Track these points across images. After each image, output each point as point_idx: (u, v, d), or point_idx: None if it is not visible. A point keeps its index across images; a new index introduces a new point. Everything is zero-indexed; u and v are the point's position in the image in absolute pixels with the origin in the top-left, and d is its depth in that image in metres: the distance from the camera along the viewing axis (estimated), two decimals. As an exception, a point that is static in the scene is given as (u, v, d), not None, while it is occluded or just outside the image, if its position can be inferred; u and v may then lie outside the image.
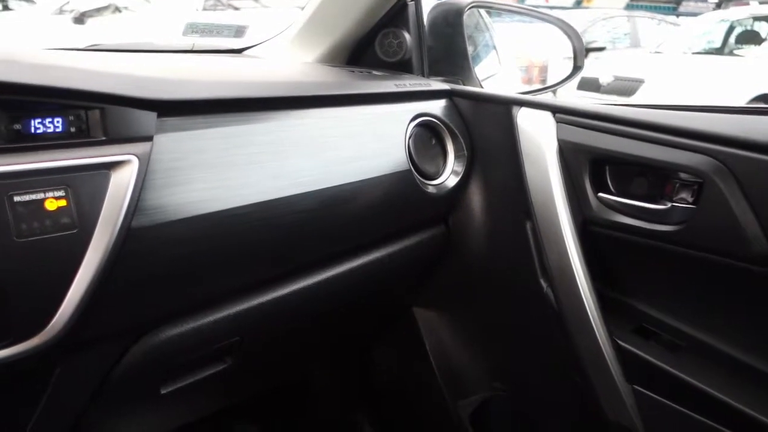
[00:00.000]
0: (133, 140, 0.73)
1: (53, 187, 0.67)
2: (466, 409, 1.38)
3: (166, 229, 0.75)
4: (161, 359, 0.84)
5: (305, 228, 0.92)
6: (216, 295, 0.86)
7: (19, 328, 0.65)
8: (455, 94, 1.22)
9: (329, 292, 1.03)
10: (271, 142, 0.89)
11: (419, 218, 1.17)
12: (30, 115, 0.68)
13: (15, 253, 0.64)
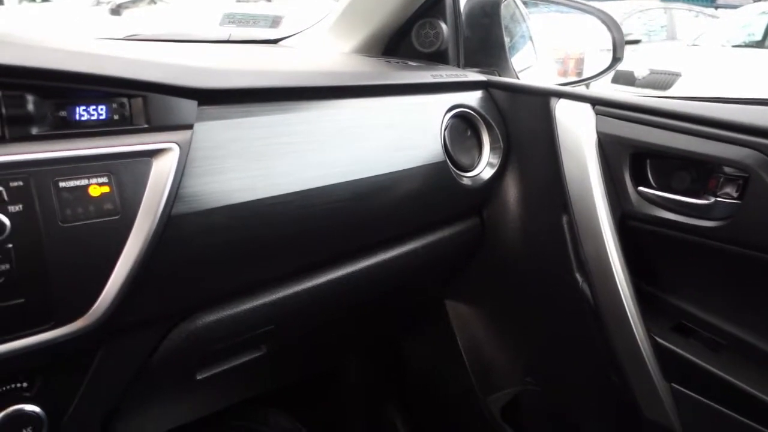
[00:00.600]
0: (174, 128, 0.74)
1: (97, 173, 0.68)
2: (497, 404, 1.37)
3: (205, 217, 0.76)
4: (198, 345, 0.85)
5: (341, 218, 0.92)
6: (252, 283, 0.87)
7: (63, 312, 0.66)
8: (492, 86, 1.21)
9: (363, 282, 1.03)
10: (309, 132, 0.90)
11: (454, 210, 1.16)
12: (75, 102, 0.69)
13: (60, 238, 0.65)
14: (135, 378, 0.80)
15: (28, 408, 0.69)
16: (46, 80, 0.66)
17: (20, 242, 0.62)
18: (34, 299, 0.64)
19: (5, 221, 0.61)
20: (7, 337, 0.63)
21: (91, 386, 0.74)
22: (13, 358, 0.64)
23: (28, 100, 0.65)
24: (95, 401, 0.77)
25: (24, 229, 0.62)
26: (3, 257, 0.61)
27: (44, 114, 0.66)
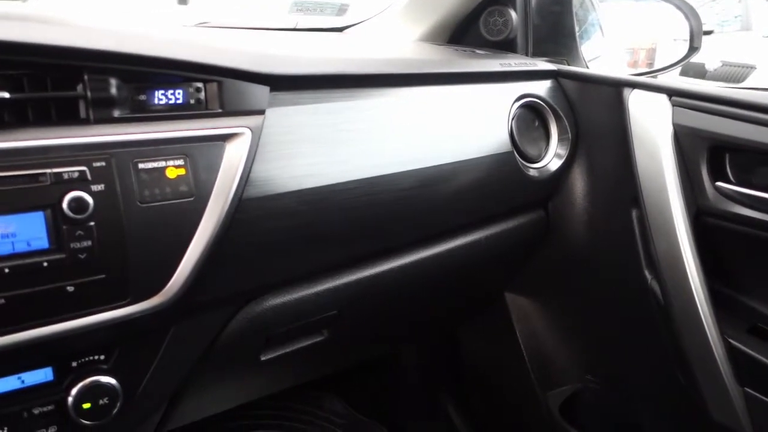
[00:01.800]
0: (247, 113, 0.75)
1: (173, 156, 0.69)
2: (556, 400, 1.34)
3: (274, 201, 0.77)
4: (263, 327, 0.87)
5: (405, 206, 0.92)
6: (317, 269, 0.88)
7: (139, 289, 0.68)
8: (561, 75, 1.18)
9: (425, 271, 1.02)
10: (376, 119, 0.90)
11: (519, 202, 1.14)
12: (154, 86, 0.70)
13: (138, 218, 0.67)
14: (203, 356, 0.83)
15: (104, 380, 0.72)
16: (129, 65, 0.68)
17: (102, 220, 0.64)
18: (114, 276, 0.66)
19: (88, 200, 0.63)
20: (88, 311, 0.66)
21: (162, 362, 0.77)
22: (92, 331, 0.66)
23: (112, 84, 0.67)
24: (166, 376, 0.79)
25: (105, 208, 0.65)
26: (86, 234, 0.64)
27: (125, 97, 0.68)
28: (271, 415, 1.60)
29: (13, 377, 0.68)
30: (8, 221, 0.61)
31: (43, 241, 0.62)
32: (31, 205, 0.61)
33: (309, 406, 1.66)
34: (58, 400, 0.70)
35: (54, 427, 0.71)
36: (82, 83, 0.65)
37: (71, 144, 0.64)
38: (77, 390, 0.70)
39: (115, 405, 0.72)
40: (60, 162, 0.63)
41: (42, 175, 0.62)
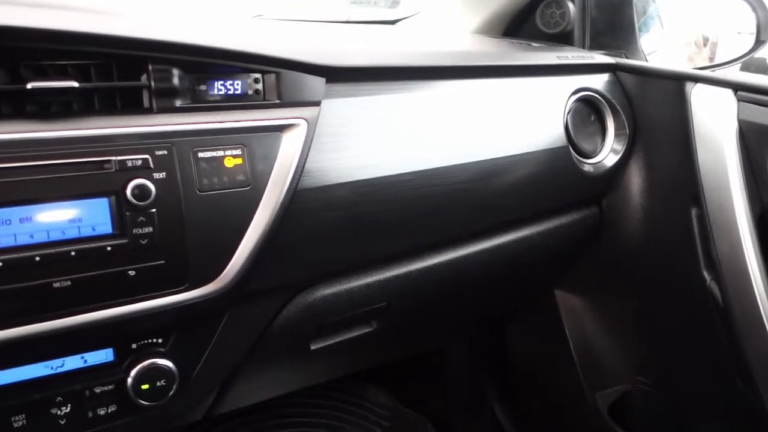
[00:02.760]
0: (303, 104, 0.76)
1: (232, 145, 0.71)
2: (605, 401, 1.32)
3: (328, 192, 0.78)
4: (314, 317, 0.87)
5: (458, 200, 0.91)
6: (369, 260, 0.88)
7: (197, 275, 0.70)
8: (620, 68, 1.15)
9: (475, 265, 1.02)
10: (431, 112, 0.89)
11: (573, 197, 1.12)
12: (214, 77, 0.72)
13: (197, 206, 0.68)
14: (256, 343, 0.84)
15: (161, 362, 0.74)
16: (191, 55, 0.69)
17: (162, 208, 0.66)
18: (173, 262, 0.68)
19: (151, 187, 0.65)
20: (148, 296, 0.68)
21: (217, 347, 0.79)
22: (151, 315, 0.68)
23: (174, 74, 0.69)
24: (220, 361, 0.81)
25: (166, 195, 0.66)
26: (147, 221, 0.65)
27: (186, 88, 0.70)
28: (316, 405, 1.62)
29: (77, 356, 0.71)
30: (75, 206, 0.63)
31: (107, 227, 0.64)
32: (96, 192, 0.63)
33: (354, 397, 1.67)
34: (118, 381, 0.73)
35: (114, 407, 0.73)
36: (146, 73, 0.67)
37: (135, 133, 0.66)
38: (136, 371, 0.72)
39: (171, 387, 0.74)
40: (124, 150, 0.64)
41: (107, 162, 0.63)
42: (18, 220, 0.60)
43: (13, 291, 0.60)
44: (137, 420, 0.76)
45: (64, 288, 0.63)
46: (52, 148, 0.61)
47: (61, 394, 0.70)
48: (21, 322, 0.62)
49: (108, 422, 0.74)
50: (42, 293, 0.62)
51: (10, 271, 0.60)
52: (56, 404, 0.70)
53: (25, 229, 0.61)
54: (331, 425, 1.59)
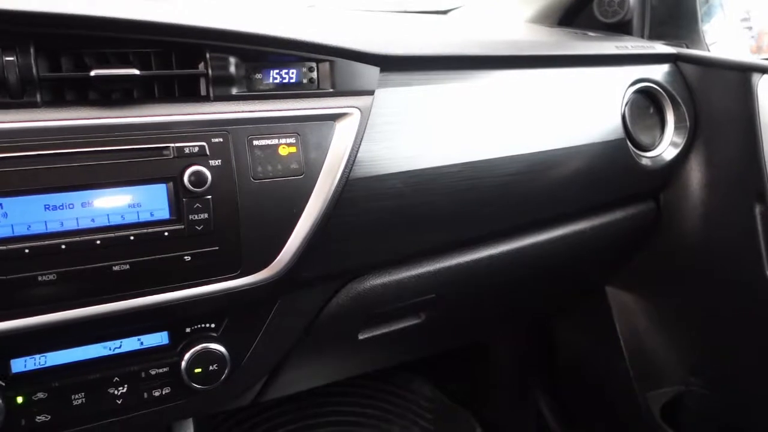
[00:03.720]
0: (356, 93, 0.76)
1: (286, 134, 0.71)
2: (657, 402, 1.28)
3: (380, 182, 0.77)
4: (363, 306, 0.88)
5: (510, 192, 0.90)
6: (419, 251, 0.88)
7: (250, 262, 0.71)
8: (681, 59, 1.11)
9: (525, 259, 1.00)
10: (484, 102, 0.88)
11: (628, 192, 1.09)
12: (269, 65, 0.72)
13: (251, 193, 0.69)
14: (305, 331, 0.85)
15: (214, 347, 0.75)
16: (248, 44, 0.70)
17: (218, 194, 0.67)
18: (227, 248, 0.69)
19: (207, 174, 0.66)
20: (202, 281, 0.69)
21: (268, 333, 0.80)
22: (205, 300, 0.70)
23: (231, 63, 0.69)
24: (270, 348, 0.82)
25: (222, 182, 0.67)
26: (203, 207, 0.66)
27: (242, 76, 0.71)
28: (360, 394, 1.63)
29: (133, 339, 0.73)
30: (134, 192, 0.64)
31: (164, 212, 0.66)
32: (155, 177, 0.65)
33: (398, 389, 1.68)
34: (172, 363, 0.74)
35: (168, 388, 0.75)
36: (204, 62, 0.68)
37: (192, 120, 0.67)
38: (190, 355, 0.74)
39: (223, 371, 0.76)
40: (182, 137, 0.65)
41: (166, 149, 0.65)
42: (80, 204, 0.62)
43: (75, 273, 0.62)
44: (188, 403, 0.78)
45: (122, 271, 0.64)
46: (113, 134, 0.63)
47: (118, 375, 0.72)
48: (82, 303, 0.64)
49: (161, 404, 0.76)
50: (102, 276, 0.63)
51: (72, 254, 0.61)
52: (113, 384, 0.72)
53: (86, 213, 0.62)
54: (374, 415, 1.59)
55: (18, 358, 0.68)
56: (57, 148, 0.60)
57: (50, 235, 0.61)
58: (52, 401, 0.70)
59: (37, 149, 0.59)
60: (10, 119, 0.59)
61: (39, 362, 0.69)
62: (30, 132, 0.59)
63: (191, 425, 0.92)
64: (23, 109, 0.60)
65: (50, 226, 0.61)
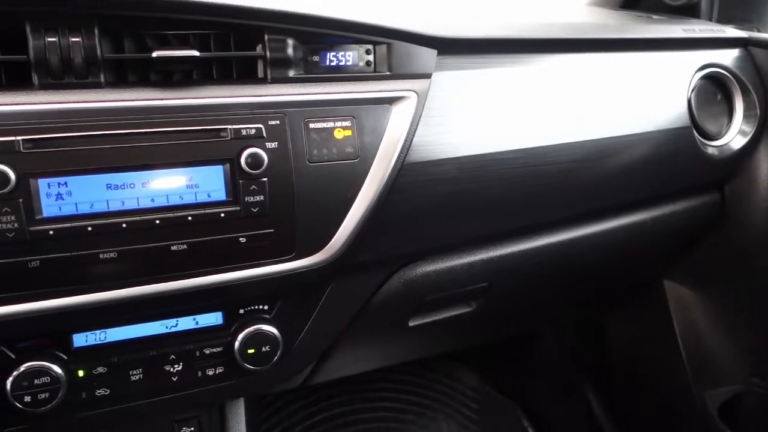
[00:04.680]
0: (414, 77, 0.75)
1: (342, 117, 0.70)
2: (715, 401, 1.24)
3: (435, 167, 0.76)
4: (415, 293, 0.87)
5: (568, 180, 0.87)
6: (473, 238, 0.86)
7: (304, 245, 0.71)
8: (752, 43, 1.05)
9: (582, 249, 0.97)
10: (543, 87, 0.85)
11: (692, 181, 1.05)
12: (326, 48, 0.72)
13: (306, 176, 0.69)
14: (356, 316, 0.85)
15: (266, 328, 0.75)
16: (306, 26, 0.69)
17: (274, 177, 0.67)
18: (281, 231, 0.69)
19: (263, 156, 0.66)
20: (257, 263, 0.69)
21: (319, 317, 0.80)
22: (259, 282, 0.70)
23: (288, 44, 0.69)
24: (322, 331, 0.82)
25: (278, 165, 0.67)
26: (259, 189, 0.67)
27: (299, 58, 0.70)
28: (406, 381, 1.63)
29: (188, 318, 0.74)
30: (193, 173, 0.65)
31: (221, 194, 0.66)
32: (213, 159, 0.65)
33: (444, 377, 1.67)
34: (226, 343, 0.75)
35: (221, 368, 0.76)
36: (262, 44, 0.68)
37: (249, 102, 0.67)
38: (243, 335, 0.74)
39: (276, 353, 0.76)
40: (239, 119, 0.66)
41: (224, 130, 0.65)
42: (141, 184, 0.63)
43: (135, 252, 0.63)
44: (241, 383, 0.79)
45: (180, 251, 0.65)
46: (173, 115, 0.63)
47: (174, 353, 0.74)
48: (141, 281, 0.65)
49: (215, 383, 0.77)
50: (161, 255, 0.64)
51: (132, 233, 0.63)
52: (169, 362, 0.74)
53: (146, 193, 0.63)
54: (418, 403, 1.59)
55: (79, 333, 0.70)
56: (119, 128, 0.61)
57: (112, 213, 0.62)
58: (111, 376, 0.71)
59: (101, 129, 0.60)
60: (74, 99, 0.60)
61: (99, 338, 0.71)
62: (94, 112, 0.61)
63: (242, 405, 0.93)
64: (87, 89, 0.61)
65: (112, 205, 0.62)
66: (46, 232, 0.59)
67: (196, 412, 0.89)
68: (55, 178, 0.60)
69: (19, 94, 0.59)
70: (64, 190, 0.60)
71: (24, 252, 0.59)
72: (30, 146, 0.58)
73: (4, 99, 0.58)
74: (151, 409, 0.76)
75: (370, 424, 1.52)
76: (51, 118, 0.59)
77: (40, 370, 0.66)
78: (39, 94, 0.59)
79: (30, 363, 0.66)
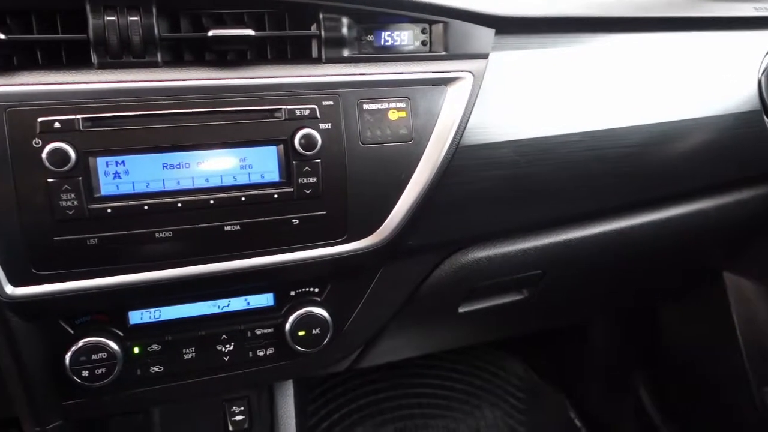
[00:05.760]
0: (470, 57, 0.73)
1: (396, 98, 0.69)
2: (776, 398, 1.19)
3: (491, 150, 0.74)
4: (466, 279, 0.85)
5: (631, 165, 0.84)
6: (528, 224, 0.84)
7: (355, 228, 0.70)
8: (829, 22, 0.99)
9: (641, 238, 0.94)
10: (605, 68, 0.82)
11: (760, 169, 0.99)
12: (381, 27, 0.70)
13: (359, 158, 0.68)
14: (407, 300, 0.84)
15: (317, 311, 0.75)
16: (361, 4, 0.68)
17: (327, 159, 0.66)
18: (334, 213, 0.68)
19: (317, 137, 0.65)
20: (309, 245, 0.69)
21: (369, 301, 0.79)
22: (310, 264, 0.70)
23: (343, 24, 0.68)
24: (371, 316, 0.81)
25: (331, 146, 0.66)
26: (312, 171, 0.66)
27: (354, 38, 0.69)
28: (450, 368, 1.62)
29: (240, 299, 0.74)
30: (247, 153, 0.65)
31: (274, 174, 0.66)
32: (267, 139, 0.65)
33: (490, 365, 1.65)
34: (277, 325, 0.75)
35: (272, 349, 0.76)
36: (317, 23, 0.66)
37: (304, 83, 0.66)
38: (294, 317, 0.74)
39: (326, 336, 0.76)
40: (293, 99, 0.65)
41: (278, 110, 0.64)
42: (195, 163, 0.63)
43: (190, 231, 0.64)
44: (291, 365, 0.79)
45: (233, 232, 0.65)
46: (227, 95, 0.63)
47: (226, 333, 0.74)
48: (194, 261, 0.65)
49: (265, 363, 0.77)
50: (214, 235, 0.65)
51: (187, 212, 0.63)
52: (221, 341, 0.74)
53: (201, 173, 0.63)
54: (463, 390, 1.58)
55: (135, 311, 0.71)
56: (176, 108, 0.61)
57: (167, 193, 0.62)
58: (165, 354, 0.72)
59: (157, 108, 0.61)
60: (132, 78, 0.61)
61: (154, 316, 0.72)
62: (151, 91, 0.61)
63: (291, 387, 0.93)
64: (145, 68, 0.61)
65: (167, 184, 0.62)
66: (104, 210, 0.60)
67: (246, 392, 0.90)
68: (113, 157, 0.60)
69: (78, 73, 0.60)
70: (121, 169, 0.61)
71: (83, 230, 0.60)
72: (89, 125, 0.59)
73: (64, 78, 0.59)
74: (203, 388, 0.77)
75: (413, 409, 1.52)
76: (109, 97, 0.59)
77: (98, 345, 0.68)
78: (98, 73, 0.60)
79: (88, 339, 0.68)
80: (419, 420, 1.50)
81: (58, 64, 0.60)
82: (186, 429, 0.90)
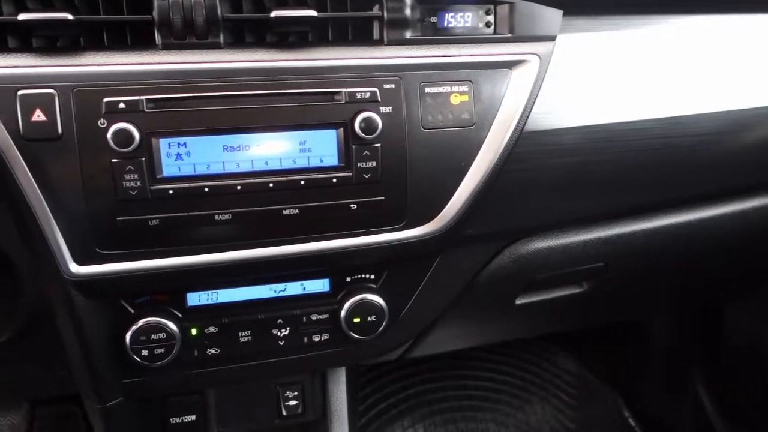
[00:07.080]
0: (536, 39, 0.70)
1: (458, 81, 0.67)
2: None
3: (557, 137, 0.72)
4: (525, 270, 0.83)
5: (705, 154, 0.80)
6: (592, 214, 0.81)
7: (414, 214, 0.69)
8: None
9: (710, 232, 0.90)
10: (680, 51, 0.78)
11: None
12: (445, 8, 0.68)
13: (420, 143, 0.66)
14: (464, 290, 0.82)
15: (372, 298, 0.74)
16: None
17: (387, 143, 0.65)
18: (393, 199, 0.67)
19: (377, 121, 0.63)
20: (366, 231, 0.68)
21: (426, 290, 0.78)
22: (367, 250, 0.69)
23: (406, 4, 0.66)
24: (428, 304, 0.80)
25: (391, 130, 0.65)
26: (371, 155, 0.65)
27: (417, 19, 0.67)
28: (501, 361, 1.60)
29: (297, 283, 0.74)
30: (306, 137, 0.64)
31: (333, 158, 0.65)
32: (327, 122, 0.64)
33: (542, 360, 1.62)
34: (332, 311, 0.75)
35: (327, 335, 0.76)
36: (379, 4, 0.65)
37: (365, 65, 0.65)
38: (350, 303, 0.74)
39: (381, 323, 0.75)
40: (354, 82, 0.64)
41: (338, 93, 0.63)
42: (255, 146, 0.62)
43: (249, 214, 0.63)
44: (345, 351, 0.78)
45: (292, 216, 0.65)
46: (288, 77, 0.62)
47: (281, 317, 0.74)
48: (253, 244, 0.65)
49: (320, 349, 0.77)
50: (273, 219, 0.64)
51: (247, 195, 0.63)
52: (277, 326, 0.74)
53: (260, 156, 0.63)
54: (514, 384, 1.55)
55: (193, 293, 0.71)
56: (237, 90, 0.61)
57: (227, 175, 0.62)
58: (221, 336, 0.73)
59: (219, 90, 0.60)
60: (195, 59, 0.61)
61: (212, 298, 0.72)
62: (213, 73, 0.61)
63: (344, 374, 0.93)
64: (207, 50, 0.61)
65: (227, 167, 0.62)
66: (166, 191, 0.60)
67: (300, 377, 0.90)
68: (175, 138, 0.60)
69: (143, 54, 0.60)
70: (183, 150, 0.61)
71: (145, 210, 0.61)
72: (152, 106, 0.59)
73: (129, 59, 0.59)
74: (258, 372, 0.77)
75: (462, 401, 1.50)
76: (172, 78, 0.59)
77: (157, 326, 0.68)
78: (162, 54, 0.60)
79: (147, 318, 0.69)
80: (468, 412, 1.48)
81: (123, 45, 0.60)
82: (240, 412, 0.90)
